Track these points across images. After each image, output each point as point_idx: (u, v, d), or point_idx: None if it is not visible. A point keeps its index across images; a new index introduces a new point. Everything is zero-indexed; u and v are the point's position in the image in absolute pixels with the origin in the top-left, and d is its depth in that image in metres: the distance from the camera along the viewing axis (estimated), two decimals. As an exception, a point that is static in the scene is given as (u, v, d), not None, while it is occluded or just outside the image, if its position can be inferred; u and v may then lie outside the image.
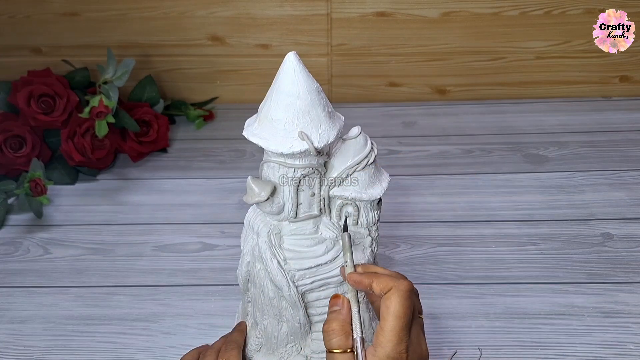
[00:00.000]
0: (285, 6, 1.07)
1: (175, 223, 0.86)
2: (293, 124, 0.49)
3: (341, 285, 0.55)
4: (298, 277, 0.53)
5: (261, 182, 0.52)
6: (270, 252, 0.53)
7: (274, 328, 0.57)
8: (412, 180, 0.93)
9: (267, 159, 0.52)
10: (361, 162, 0.52)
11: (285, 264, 0.53)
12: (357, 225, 0.54)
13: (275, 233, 0.54)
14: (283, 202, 0.52)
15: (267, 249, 0.53)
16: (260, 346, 0.60)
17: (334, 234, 0.54)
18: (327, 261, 0.53)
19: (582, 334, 0.67)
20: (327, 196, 0.54)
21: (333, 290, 0.55)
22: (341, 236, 0.50)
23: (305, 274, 0.53)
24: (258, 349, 0.60)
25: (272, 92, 0.50)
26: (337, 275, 0.54)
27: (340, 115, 0.54)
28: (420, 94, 1.15)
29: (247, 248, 0.56)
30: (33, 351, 0.67)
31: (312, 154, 0.50)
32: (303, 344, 0.58)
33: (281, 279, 0.53)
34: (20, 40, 1.10)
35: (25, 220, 0.87)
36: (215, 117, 1.12)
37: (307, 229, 0.54)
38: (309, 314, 0.56)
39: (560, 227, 0.83)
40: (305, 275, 0.53)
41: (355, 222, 0.54)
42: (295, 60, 0.49)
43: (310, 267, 0.53)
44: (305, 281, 0.53)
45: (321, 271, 0.53)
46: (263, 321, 0.58)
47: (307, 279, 0.53)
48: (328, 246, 0.54)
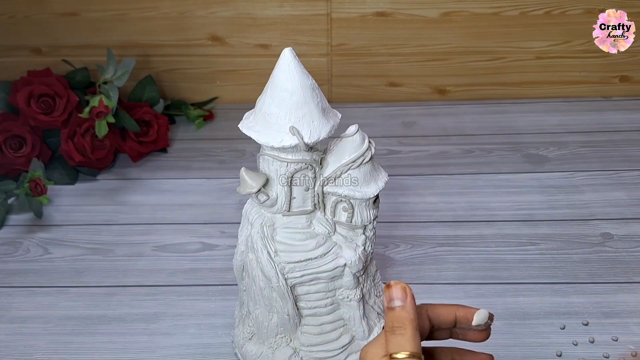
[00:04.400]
0: (285, 6, 1.07)
1: (175, 223, 0.86)
2: (285, 118, 0.50)
3: (332, 281, 0.55)
4: (288, 270, 0.54)
5: (254, 174, 0.53)
6: (261, 242, 0.54)
7: (264, 318, 0.58)
8: (412, 180, 0.93)
9: (262, 152, 0.53)
10: (356, 161, 0.53)
11: (275, 255, 0.54)
12: (352, 223, 0.55)
13: (268, 225, 0.55)
14: (276, 195, 0.53)
15: (258, 239, 0.55)
16: (251, 335, 0.61)
17: (327, 229, 0.55)
18: (318, 256, 0.54)
19: (582, 334, 0.67)
20: (321, 192, 0.54)
21: (323, 285, 0.56)
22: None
23: (295, 267, 0.54)
24: (250, 337, 0.61)
25: (268, 87, 0.51)
26: (327, 270, 0.55)
27: (336, 113, 0.54)
28: (420, 94, 1.15)
29: (242, 238, 0.57)
30: (33, 351, 0.67)
31: (303, 150, 0.51)
32: (292, 336, 0.59)
33: (270, 269, 0.54)
34: (20, 40, 1.10)
35: (25, 220, 0.87)
36: (215, 117, 1.12)
37: (300, 223, 0.55)
38: (299, 307, 0.57)
39: (560, 227, 0.83)
40: (295, 268, 0.54)
41: (349, 219, 0.55)
42: (291, 57, 0.50)
43: (300, 260, 0.54)
44: (295, 274, 0.54)
45: (311, 265, 0.54)
46: (255, 310, 0.59)
47: (296, 272, 0.54)
48: (319, 241, 0.55)
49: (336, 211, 0.55)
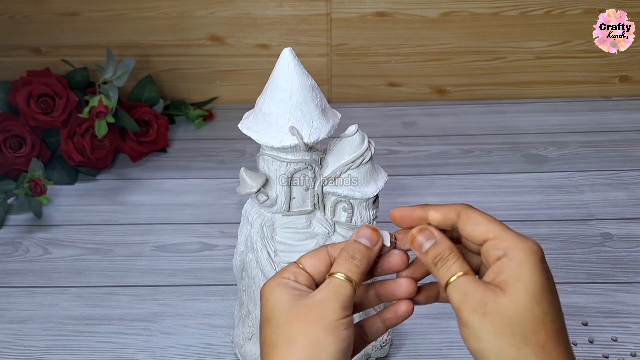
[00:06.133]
0: (284, 6, 1.07)
1: (175, 223, 0.86)
2: (285, 118, 0.50)
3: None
4: None
5: (253, 174, 0.53)
6: (261, 242, 0.54)
7: None
8: (411, 180, 0.93)
9: (262, 152, 0.53)
10: (356, 161, 0.53)
11: (275, 255, 0.54)
12: (352, 223, 0.55)
13: (267, 225, 0.55)
14: (276, 195, 0.53)
15: (258, 239, 0.55)
16: (251, 335, 0.61)
17: (326, 230, 0.55)
18: None
19: (581, 334, 0.67)
20: (321, 192, 0.54)
21: None
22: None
23: None
24: (249, 337, 0.61)
25: (268, 87, 0.51)
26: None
27: (336, 113, 0.54)
28: (419, 94, 1.15)
29: (242, 238, 0.57)
30: (33, 351, 0.67)
31: (302, 150, 0.51)
32: None
33: (270, 269, 0.54)
34: (20, 40, 1.10)
35: (24, 220, 0.87)
36: (215, 117, 1.12)
37: (299, 223, 0.55)
38: None
39: (560, 227, 0.83)
40: None
41: (349, 219, 0.55)
42: (291, 56, 0.50)
43: None
44: None
45: None
46: (255, 310, 0.59)
47: None
48: (319, 242, 0.55)
49: (336, 211, 0.55)
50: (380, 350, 0.64)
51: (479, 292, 0.35)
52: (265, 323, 0.38)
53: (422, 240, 0.38)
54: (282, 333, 0.36)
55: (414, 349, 0.66)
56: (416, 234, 0.38)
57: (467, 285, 0.35)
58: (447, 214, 0.38)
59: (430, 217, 0.39)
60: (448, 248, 0.37)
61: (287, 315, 0.37)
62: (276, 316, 0.37)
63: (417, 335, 0.67)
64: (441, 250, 0.37)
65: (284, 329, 0.36)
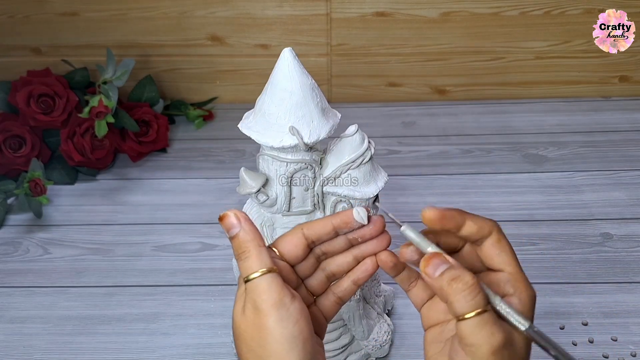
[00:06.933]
0: (284, 6, 1.07)
1: (175, 223, 0.86)
2: (285, 118, 0.50)
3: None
4: None
5: (253, 174, 0.53)
6: None
7: None
8: (411, 180, 0.93)
9: (262, 152, 0.53)
10: (356, 161, 0.53)
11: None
12: None
13: (268, 225, 0.55)
14: (276, 195, 0.53)
15: None
16: None
17: None
18: None
19: (581, 334, 0.67)
20: (321, 192, 0.54)
21: None
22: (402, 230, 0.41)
23: None
24: None
25: (268, 87, 0.51)
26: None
27: (336, 113, 0.54)
28: (419, 94, 1.15)
29: None
30: (33, 351, 0.67)
31: (302, 150, 0.51)
32: None
33: None
34: (20, 40, 1.10)
35: (24, 220, 0.87)
36: (215, 117, 1.12)
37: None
38: None
39: (560, 227, 0.83)
40: None
41: None
42: (291, 57, 0.50)
43: None
44: None
45: None
46: None
47: None
48: None
49: (336, 211, 0.55)
50: (380, 350, 0.64)
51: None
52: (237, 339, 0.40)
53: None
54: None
55: (414, 349, 0.66)
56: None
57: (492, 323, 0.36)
58: (482, 230, 0.38)
59: (466, 226, 0.38)
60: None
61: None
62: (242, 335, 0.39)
63: (417, 335, 0.67)
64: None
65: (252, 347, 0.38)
